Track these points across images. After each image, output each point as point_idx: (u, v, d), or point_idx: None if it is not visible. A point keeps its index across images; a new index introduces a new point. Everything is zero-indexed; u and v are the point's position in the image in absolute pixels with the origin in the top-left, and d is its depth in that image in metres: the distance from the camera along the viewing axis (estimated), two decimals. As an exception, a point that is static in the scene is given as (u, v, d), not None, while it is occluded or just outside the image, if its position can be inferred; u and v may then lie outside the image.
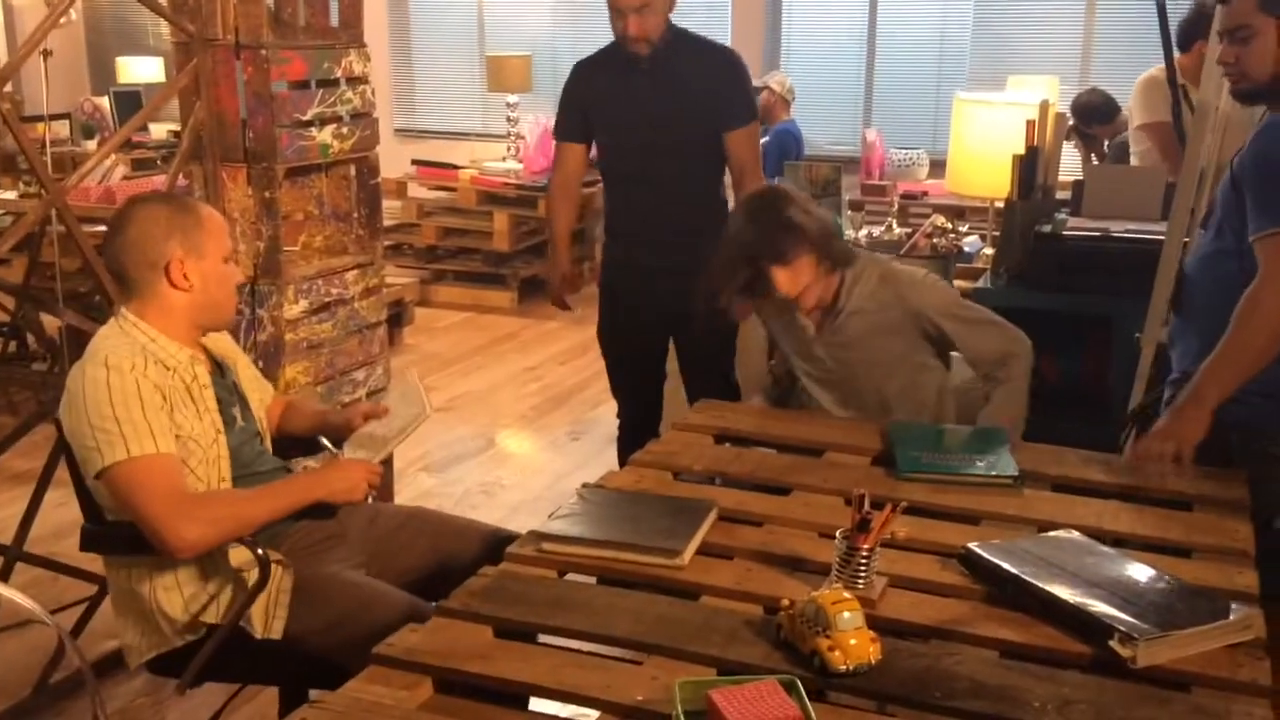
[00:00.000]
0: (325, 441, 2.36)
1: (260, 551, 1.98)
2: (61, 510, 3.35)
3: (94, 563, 3.08)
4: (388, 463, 3.34)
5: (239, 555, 2.03)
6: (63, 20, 2.77)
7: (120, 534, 2.03)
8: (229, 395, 2.19)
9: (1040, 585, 1.68)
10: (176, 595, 2.05)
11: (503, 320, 6.61)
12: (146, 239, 2.05)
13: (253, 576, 1.99)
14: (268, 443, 2.31)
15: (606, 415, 5.02)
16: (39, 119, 5.69)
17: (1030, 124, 3.38)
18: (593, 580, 1.85)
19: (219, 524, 1.97)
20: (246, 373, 2.32)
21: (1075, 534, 1.87)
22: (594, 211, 7.43)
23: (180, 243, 2.05)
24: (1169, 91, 3.12)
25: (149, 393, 1.97)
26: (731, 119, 3.08)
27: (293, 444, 2.40)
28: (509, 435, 4.84)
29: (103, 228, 4.73)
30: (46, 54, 4.24)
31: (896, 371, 2.54)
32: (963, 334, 2.49)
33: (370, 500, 2.21)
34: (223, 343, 2.30)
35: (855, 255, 2.53)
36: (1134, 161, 4.18)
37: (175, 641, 2.06)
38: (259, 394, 2.34)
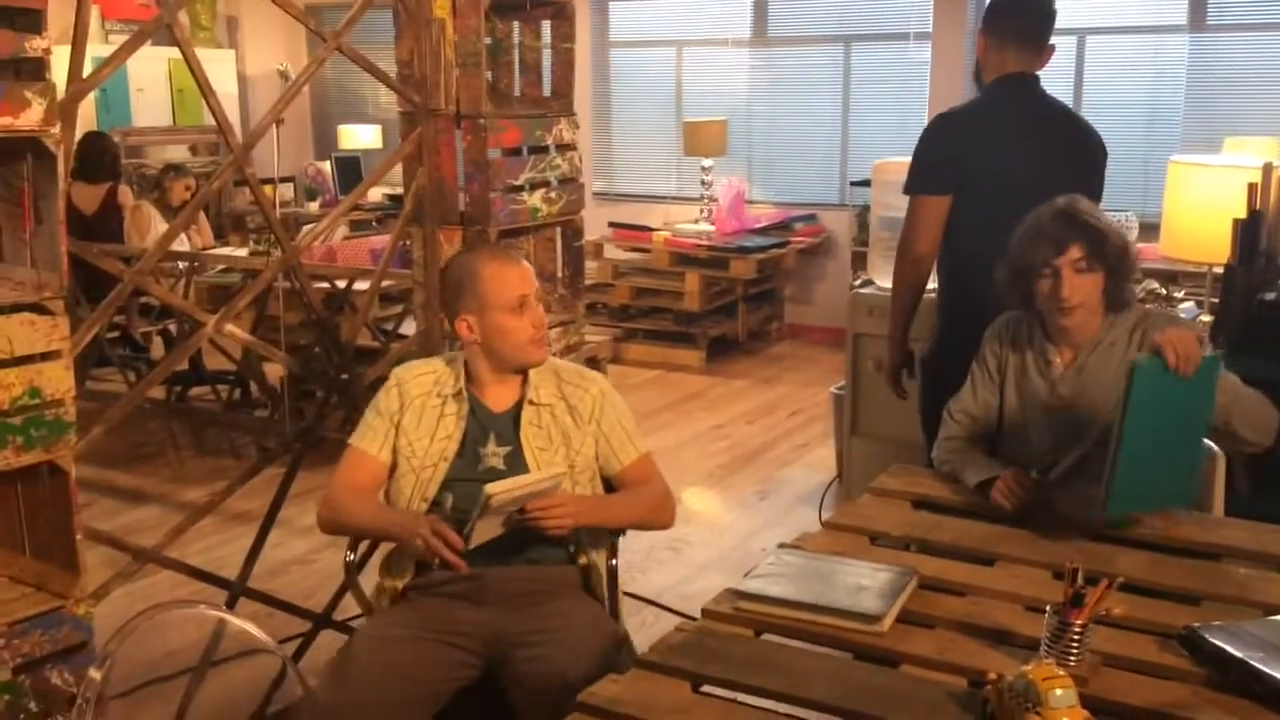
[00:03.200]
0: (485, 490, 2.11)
1: (349, 556, 2.43)
2: (279, 550, 3.56)
3: (310, 600, 3.27)
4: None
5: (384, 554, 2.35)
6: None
7: None
8: (486, 435, 2.27)
9: (1268, 671, 1.59)
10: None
11: (691, 378, 6.69)
12: (446, 297, 2.34)
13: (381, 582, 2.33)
14: None
15: (794, 474, 5.02)
16: (269, 182, 6.15)
17: (1252, 187, 3.23)
18: (788, 640, 1.84)
19: (330, 515, 2.29)
20: (563, 426, 2.29)
21: (1307, 620, 1.77)
22: (783, 272, 7.48)
23: (465, 302, 2.26)
24: None
25: (389, 401, 2.31)
26: None
27: None
28: (696, 493, 4.87)
29: (325, 284, 5.06)
30: (280, 122, 4.58)
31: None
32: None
33: (435, 565, 2.15)
34: (576, 393, 2.32)
35: (1132, 304, 2.41)
36: None
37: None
38: (577, 454, 2.29)
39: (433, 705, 2.11)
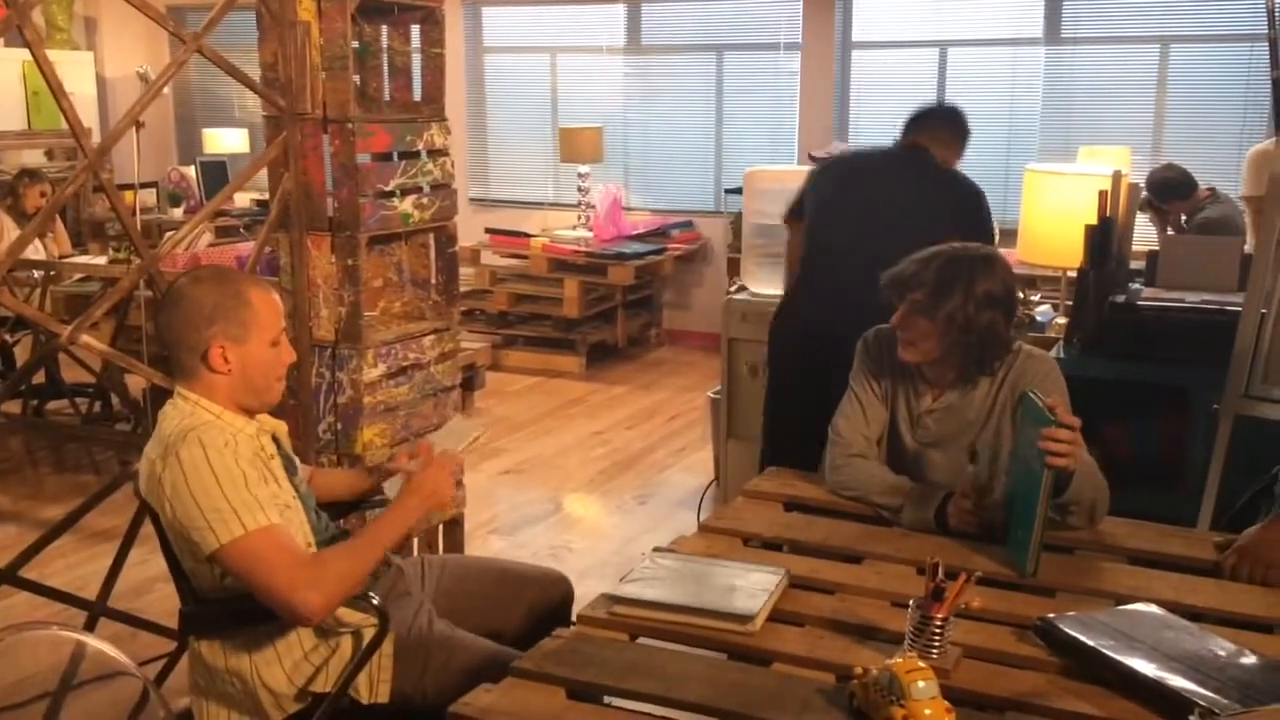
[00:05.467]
0: (386, 489, 2.33)
1: (379, 605, 1.99)
2: (141, 568, 3.44)
3: (175, 618, 3.16)
4: (458, 523, 3.39)
5: (350, 616, 2.03)
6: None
7: (222, 612, 2.03)
8: (289, 462, 2.17)
9: (1118, 658, 1.66)
10: (278, 668, 2.02)
11: (571, 385, 6.68)
12: (190, 322, 2.00)
13: (366, 636, 2.03)
14: None
15: (673, 478, 5.05)
16: (129, 187, 5.93)
17: (1103, 194, 3.38)
18: (664, 644, 1.86)
19: (342, 582, 1.92)
20: (289, 441, 2.25)
21: (1154, 607, 1.85)
22: (661, 278, 7.53)
23: (226, 328, 1.99)
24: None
25: (249, 465, 1.94)
26: None
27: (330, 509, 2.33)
28: (577, 499, 4.87)
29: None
30: (139, 126, 4.42)
31: (997, 454, 2.38)
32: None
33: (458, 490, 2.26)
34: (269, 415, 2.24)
35: (989, 369, 2.37)
36: (1248, 233, 4.15)
37: (277, 716, 2.04)
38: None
39: None
